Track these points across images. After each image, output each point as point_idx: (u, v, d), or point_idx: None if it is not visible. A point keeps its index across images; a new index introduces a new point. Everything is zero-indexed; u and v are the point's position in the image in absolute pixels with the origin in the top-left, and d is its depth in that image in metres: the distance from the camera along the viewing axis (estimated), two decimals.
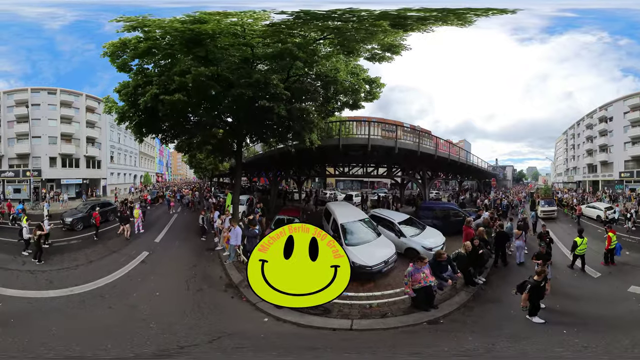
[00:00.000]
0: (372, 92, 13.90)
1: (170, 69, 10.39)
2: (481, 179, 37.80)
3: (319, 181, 45.25)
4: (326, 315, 6.90)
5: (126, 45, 10.03)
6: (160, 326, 6.34)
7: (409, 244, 10.64)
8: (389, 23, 10.08)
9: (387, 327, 6.58)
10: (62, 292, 8.16)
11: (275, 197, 22.57)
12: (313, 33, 10.57)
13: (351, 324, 6.66)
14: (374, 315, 7.06)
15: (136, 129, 12.29)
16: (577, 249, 9.76)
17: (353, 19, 10.38)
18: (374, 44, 11.23)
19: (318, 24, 10.46)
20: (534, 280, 6.59)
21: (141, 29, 9.77)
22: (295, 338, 6.23)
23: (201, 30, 9.34)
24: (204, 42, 9.64)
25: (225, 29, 9.53)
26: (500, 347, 5.56)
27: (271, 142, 15.87)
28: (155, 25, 9.69)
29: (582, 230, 10.38)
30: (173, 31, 9.68)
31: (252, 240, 9.57)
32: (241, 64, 10.55)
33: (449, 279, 7.72)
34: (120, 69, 10.89)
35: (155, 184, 46.32)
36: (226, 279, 9.24)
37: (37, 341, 5.56)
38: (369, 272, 8.55)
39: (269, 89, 10.22)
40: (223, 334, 6.07)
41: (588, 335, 5.83)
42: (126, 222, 13.79)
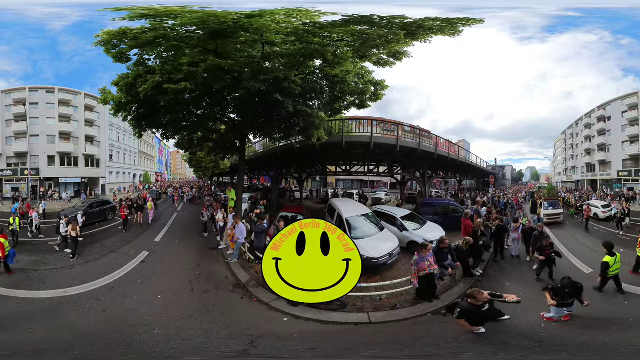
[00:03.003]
0: (376, 94, 14.13)
1: (174, 60, 10.24)
2: (480, 178, 37.93)
3: (319, 180, 45.27)
4: (342, 310, 6.94)
5: (125, 34, 9.72)
6: (166, 331, 5.99)
7: (411, 238, 10.93)
8: (405, 33, 10.12)
9: (400, 318, 6.71)
10: (55, 294, 7.81)
11: (277, 195, 22.55)
12: (335, 35, 10.53)
13: (369, 318, 6.74)
14: (385, 307, 7.16)
15: (136, 123, 12.14)
16: (610, 270, 7.42)
17: (381, 24, 10.32)
18: (384, 51, 11.31)
19: (348, 27, 10.37)
20: (468, 304, 5.12)
21: (151, 18, 9.59)
22: (326, 335, 6.12)
23: (245, 24, 9.25)
24: (228, 35, 9.55)
25: (264, 25, 9.50)
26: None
27: (276, 138, 15.85)
28: (182, 12, 9.50)
29: (612, 246, 7.63)
30: (199, 22, 9.49)
31: (260, 235, 9.39)
32: (257, 59, 10.51)
33: (449, 267, 8.09)
34: (117, 59, 10.58)
35: (155, 184, 46.13)
36: (232, 279, 9.01)
37: (28, 346, 5.33)
38: (375, 265, 8.68)
39: (282, 84, 10.19)
40: (251, 336, 5.77)
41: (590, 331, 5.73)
42: (140, 210, 16.52)
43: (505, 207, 19.84)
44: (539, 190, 33.72)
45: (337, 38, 10.46)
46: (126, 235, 14.00)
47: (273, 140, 17.05)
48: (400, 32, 9.81)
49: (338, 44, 10.57)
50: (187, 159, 39.67)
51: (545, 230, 10.96)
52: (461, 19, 10.06)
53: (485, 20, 11.16)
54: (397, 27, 9.91)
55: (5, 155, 28.79)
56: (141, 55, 10.97)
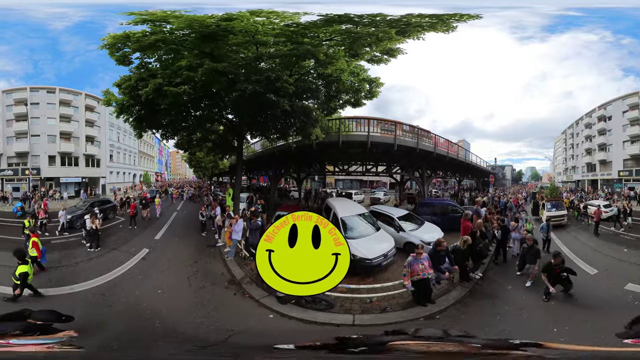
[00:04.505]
0: (371, 91, 14.13)
1: (172, 63, 10.47)
2: (480, 177, 37.88)
3: (318, 180, 45.25)
4: (330, 311, 6.92)
5: (129, 38, 10.03)
6: (164, 324, 6.27)
7: (408, 239, 10.85)
8: (396, 31, 10.21)
9: (387, 322, 6.56)
10: (61, 290, 8.04)
11: (275, 194, 22.65)
12: (322, 34, 10.68)
13: (353, 320, 6.67)
14: (374, 310, 7.06)
15: (136, 124, 12.33)
16: None
17: (364, 22, 10.43)
18: (377, 49, 11.39)
19: (331, 27, 10.50)
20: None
21: (151, 23, 9.81)
22: (303, 334, 6.21)
23: (226, 27, 9.45)
24: (218, 38, 9.77)
25: (245, 27, 9.67)
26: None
27: (273, 138, 15.97)
28: (173, 18, 9.70)
29: None
30: (197, 26, 9.71)
31: (254, 232, 9.60)
32: (250, 60, 10.69)
33: (446, 271, 7.70)
34: (120, 61, 10.88)
35: (155, 184, 46.30)
36: (228, 275, 9.23)
37: None
38: (369, 266, 8.58)
39: (275, 84, 10.32)
40: (232, 331, 6.02)
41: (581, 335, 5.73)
42: (146, 207, 17.61)
43: (505, 207, 19.86)
44: (541, 191, 32.53)
45: (325, 38, 10.57)
46: (127, 234, 14.15)
47: (271, 141, 17.16)
48: (391, 30, 9.87)
49: (328, 44, 10.67)
50: (187, 159, 39.84)
51: (553, 237, 10.62)
52: (452, 15, 10.09)
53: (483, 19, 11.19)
54: (384, 24, 9.97)
55: (6, 155, 28.96)
56: (142, 59, 11.28)
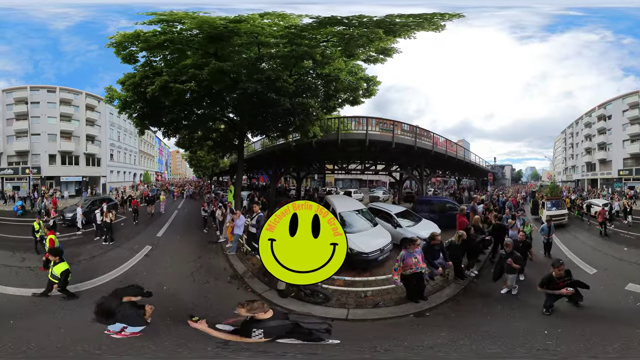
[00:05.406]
0: (369, 90, 14.36)
1: (177, 62, 10.72)
2: (480, 177, 37.96)
3: (318, 179, 45.38)
4: (326, 304, 7.03)
5: (139, 37, 10.25)
6: (173, 321, 6.24)
7: (405, 234, 10.99)
8: (383, 30, 10.49)
9: (378, 317, 6.64)
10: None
11: (274, 192, 22.81)
12: (319, 36, 10.96)
13: (347, 314, 6.78)
14: (368, 304, 7.15)
15: (139, 121, 12.50)
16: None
17: (355, 24, 10.67)
18: (371, 49, 11.69)
19: (326, 28, 10.78)
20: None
21: (166, 23, 10.08)
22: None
23: (233, 28, 9.76)
24: (224, 39, 10.05)
25: (251, 29, 9.99)
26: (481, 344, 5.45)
27: (273, 137, 16.14)
28: (188, 19, 9.91)
29: None
30: (206, 27, 9.95)
31: (258, 223, 9.64)
32: (252, 60, 10.96)
33: (440, 266, 7.59)
34: (125, 59, 11.08)
35: (155, 183, 46.45)
36: (230, 270, 9.37)
37: (43, 340, 5.46)
38: (365, 260, 8.74)
39: (276, 84, 10.56)
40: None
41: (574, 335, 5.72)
42: (151, 203, 19.10)
43: (503, 206, 19.94)
44: (541, 189, 32.08)
45: (322, 39, 10.82)
46: (129, 231, 14.27)
47: (271, 139, 17.34)
48: (379, 30, 10.07)
49: (325, 45, 10.91)
50: (187, 158, 39.94)
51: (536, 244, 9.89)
52: (438, 14, 10.31)
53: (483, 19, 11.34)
54: (372, 25, 10.19)
55: (6, 154, 29.04)
56: (149, 57, 11.47)
